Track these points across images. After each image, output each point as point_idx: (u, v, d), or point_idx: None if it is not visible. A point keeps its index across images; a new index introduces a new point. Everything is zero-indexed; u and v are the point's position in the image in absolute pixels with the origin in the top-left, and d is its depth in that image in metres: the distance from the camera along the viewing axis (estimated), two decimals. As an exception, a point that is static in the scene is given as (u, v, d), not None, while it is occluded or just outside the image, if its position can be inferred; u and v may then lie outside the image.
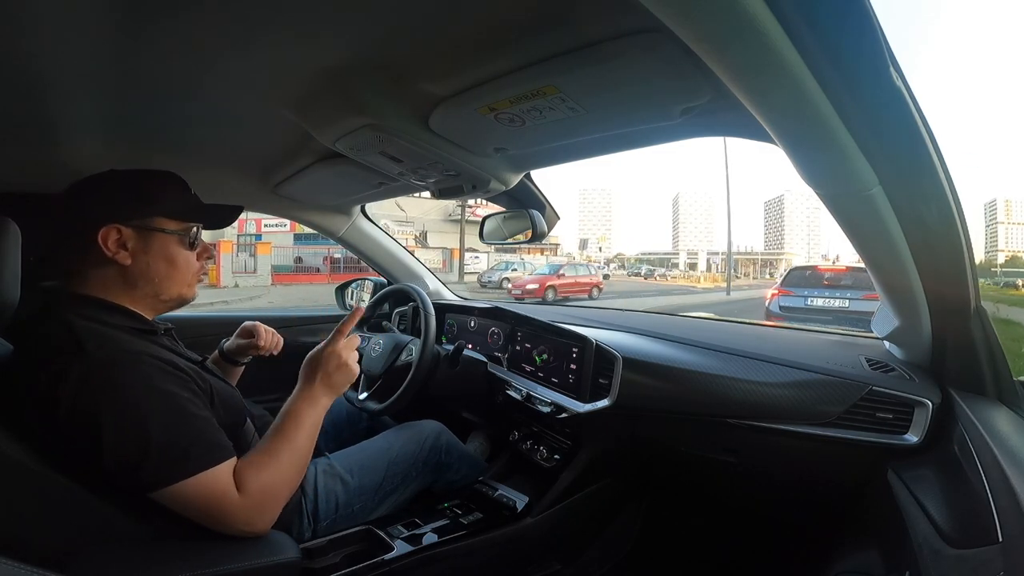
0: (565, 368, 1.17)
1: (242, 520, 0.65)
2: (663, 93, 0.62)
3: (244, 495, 0.65)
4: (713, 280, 33.44)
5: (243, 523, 0.65)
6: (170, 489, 0.60)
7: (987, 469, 0.56)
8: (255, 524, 0.66)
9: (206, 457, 0.63)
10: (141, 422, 0.59)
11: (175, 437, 0.61)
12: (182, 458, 0.61)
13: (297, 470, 0.73)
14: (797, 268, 7.09)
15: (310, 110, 0.79)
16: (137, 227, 0.70)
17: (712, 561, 1.28)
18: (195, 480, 0.61)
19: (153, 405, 0.61)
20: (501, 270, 17.59)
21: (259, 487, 0.66)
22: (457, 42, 0.60)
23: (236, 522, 0.65)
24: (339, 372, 0.80)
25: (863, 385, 0.85)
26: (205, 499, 0.62)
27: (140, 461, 0.59)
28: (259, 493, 0.66)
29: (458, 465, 1.15)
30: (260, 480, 0.67)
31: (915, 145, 0.52)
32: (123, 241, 0.69)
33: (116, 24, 0.57)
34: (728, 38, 0.40)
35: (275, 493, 0.69)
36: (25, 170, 1.05)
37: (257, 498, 0.66)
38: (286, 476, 0.71)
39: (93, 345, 0.61)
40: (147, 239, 0.71)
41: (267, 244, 17.48)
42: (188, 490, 0.61)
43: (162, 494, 0.61)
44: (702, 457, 1.07)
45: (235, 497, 0.64)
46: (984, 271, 67.37)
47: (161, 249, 0.72)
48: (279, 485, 0.69)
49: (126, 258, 0.69)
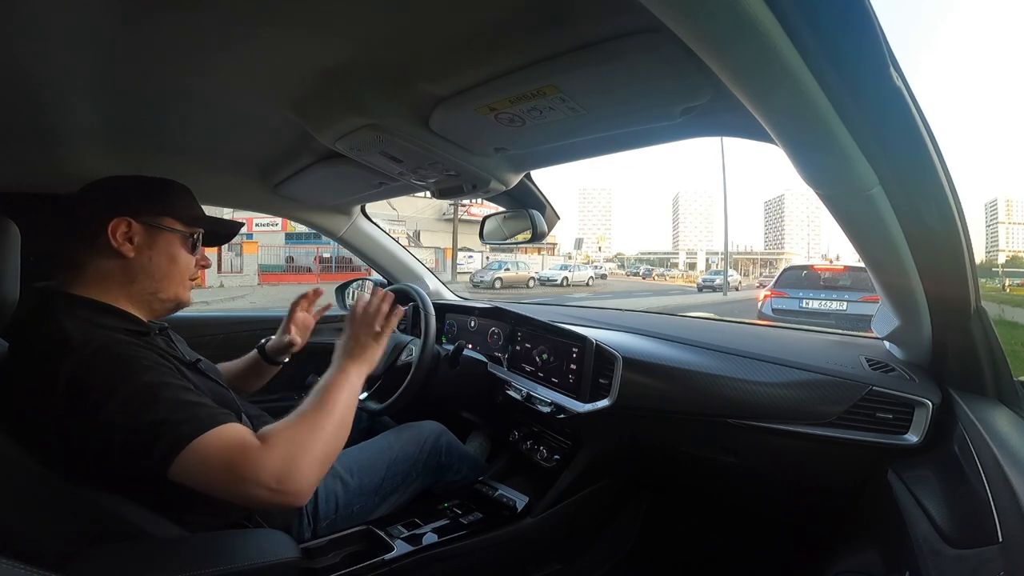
0: (565, 368, 1.17)
1: (271, 472, 0.59)
2: (663, 93, 0.62)
3: (269, 445, 0.61)
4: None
5: (272, 479, 0.59)
6: (186, 452, 0.57)
7: (987, 469, 0.56)
8: (287, 481, 0.59)
9: (213, 418, 0.61)
10: (141, 398, 0.59)
11: (178, 404, 0.60)
12: (190, 420, 0.59)
13: (328, 432, 0.67)
14: (792, 268, 6.74)
15: (310, 110, 0.79)
16: (147, 223, 0.72)
17: (712, 561, 1.28)
18: (210, 436, 0.59)
19: (150, 377, 0.60)
20: (494, 269, 17.61)
21: (287, 439, 0.62)
22: (457, 42, 0.60)
23: (265, 476, 0.58)
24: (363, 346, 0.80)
25: (863, 385, 0.85)
26: (227, 453, 0.59)
27: (149, 435, 0.57)
28: (287, 444, 0.62)
29: (458, 466, 1.15)
30: (287, 435, 0.63)
31: (915, 145, 0.52)
32: (130, 235, 0.70)
33: (116, 24, 0.57)
34: (728, 38, 0.40)
35: (307, 450, 0.63)
36: (25, 170, 1.05)
37: (284, 449, 0.61)
38: (315, 435, 0.65)
39: (81, 341, 0.61)
40: (154, 236, 0.73)
41: (254, 243, 17.26)
42: (205, 448, 0.58)
43: (179, 462, 0.57)
44: (702, 457, 1.07)
45: (257, 447, 0.60)
46: (985, 271, 67.38)
47: (166, 247, 0.74)
48: (311, 443, 0.64)
49: (130, 251, 0.70)
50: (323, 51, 0.64)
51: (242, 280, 15.72)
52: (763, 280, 28.98)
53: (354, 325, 0.83)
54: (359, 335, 0.81)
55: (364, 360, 0.80)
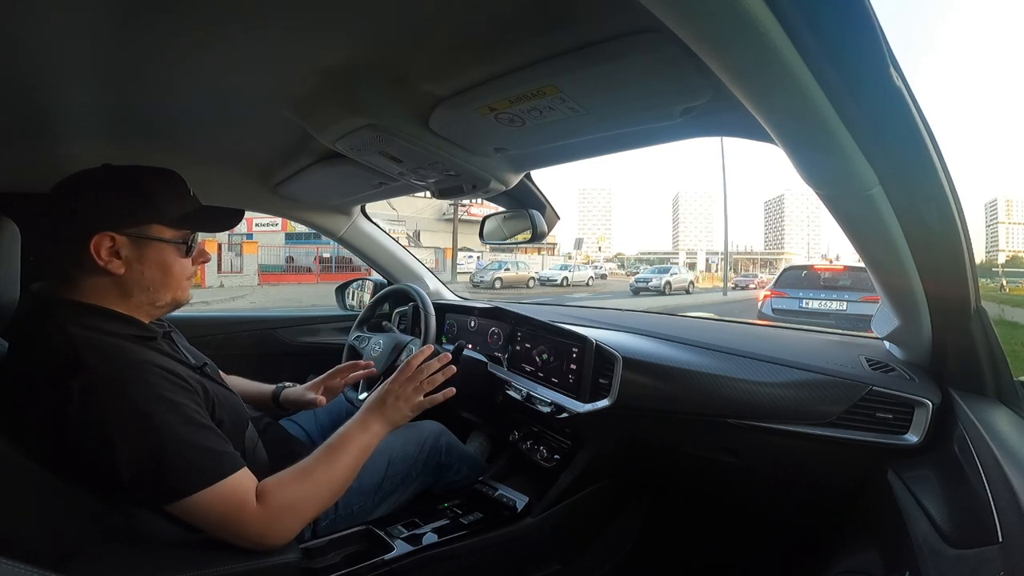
0: (565, 368, 1.17)
1: (256, 532, 0.63)
2: (663, 93, 0.62)
3: (263, 507, 0.63)
4: (712, 280, 33.47)
5: (256, 535, 0.63)
6: (188, 500, 0.59)
7: (987, 469, 0.56)
8: (268, 538, 0.64)
9: (220, 467, 0.62)
10: (153, 433, 0.58)
11: (187, 447, 0.60)
12: (197, 468, 0.60)
13: (330, 491, 0.70)
14: (792, 267, 6.75)
15: (310, 110, 0.79)
16: (132, 235, 0.66)
17: (712, 561, 1.28)
18: (212, 490, 0.60)
19: (162, 416, 0.60)
20: (494, 269, 17.60)
21: (281, 502, 0.65)
22: (457, 42, 0.60)
23: (250, 533, 0.63)
24: (395, 406, 0.78)
25: (863, 385, 0.85)
26: (223, 508, 0.61)
27: (156, 473, 0.58)
28: (279, 508, 0.65)
29: (458, 466, 1.15)
30: (284, 495, 0.66)
31: (915, 145, 0.52)
32: (116, 249, 0.65)
33: (115, 23, 0.57)
34: (728, 38, 0.40)
35: (298, 510, 0.67)
36: (24, 170, 1.04)
37: (276, 512, 0.64)
38: (314, 494, 0.69)
39: (94, 358, 0.59)
40: (142, 247, 0.67)
41: (254, 243, 17.23)
42: (206, 500, 0.60)
43: (179, 505, 0.59)
44: (702, 457, 1.07)
45: (252, 508, 0.63)
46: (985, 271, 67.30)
47: (156, 258, 0.69)
48: (304, 503, 0.68)
49: (119, 267, 0.65)
50: (323, 51, 0.64)
51: (242, 280, 15.69)
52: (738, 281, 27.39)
53: (399, 378, 0.80)
54: (402, 391, 0.79)
55: (393, 421, 0.78)
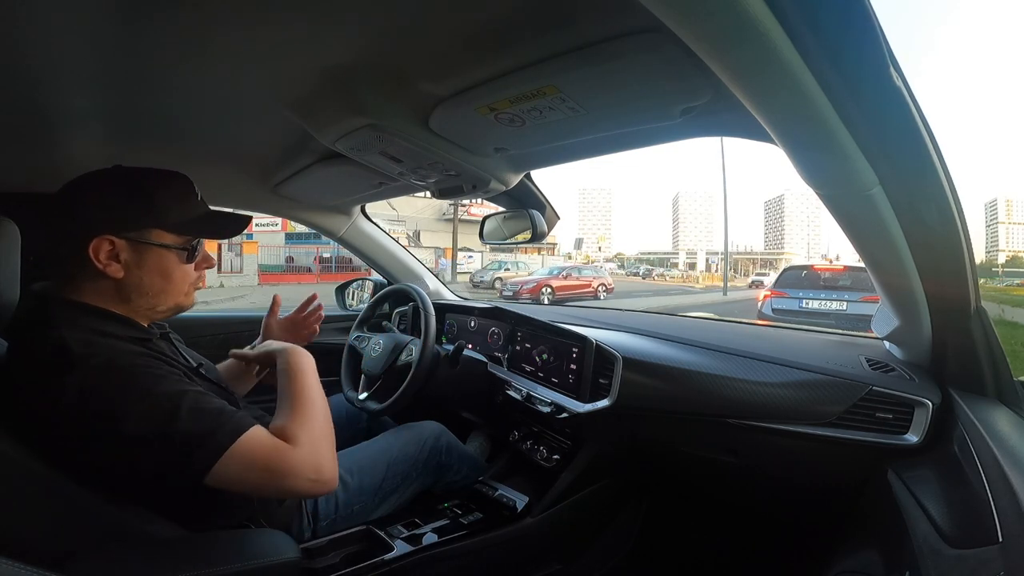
0: (565, 368, 1.17)
1: (309, 468, 0.63)
2: (663, 93, 0.62)
3: (295, 444, 0.64)
4: (712, 280, 33.49)
5: (311, 471, 0.63)
6: (222, 462, 0.58)
7: (987, 469, 0.56)
8: (322, 472, 0.64)
9: (240, 422, 0.62)
10: (162, 412, 0.58)
11: (202, 413, 0.60)
12: (219, 428, 0.60)
13: (325, 417, 0.72)
14: (792, 267, 6.79)
15: (310, 110, 0.79)
16: (132, 240, 0.65)
17: (712, 561, 1.28)
18: (242, 443, 0.60)
19: (167, 387, 0.60)
20: (494, 269, 17.54)
21: (308, 436, 0.66)
22: (457, 42, 0.60)
23: (305, 470, 0.63)
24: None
25: (863, 385, 0.85)
26: (263, 455, 0.61)
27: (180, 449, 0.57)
28: (311, 442, 0.65)
29: (458, 466, 1.15)
30: (301, 429, 0.66)
31: (915, 145, 0.52)
32: (115, 252, 0.64)
33: (116, 22, 0.57)
34: (729, 38, 0.40)
35: (323, 441, 0.68)
36: (25, 170, 1.05)
37: (311, 446, 0.65)
38: (323, 424, 0.70)
39: (85, 354, 0.59)
40: (142, 252, 0.66)
41: (254, 243, 17.21)
42: (239, 454, 0.59)
43: (216, 472, 0.58)
44: (702, 457, 1.07)
45: (288, 446, 0.63)
46: (985, 271, 67.32)
47: (156, 264, 0.68)
48: (322, 433, 0.69)
49: (118, 271, 0.65)
50: (323, 51, 0.64)
51: (242, 280, 15.67)
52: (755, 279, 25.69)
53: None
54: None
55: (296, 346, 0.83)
